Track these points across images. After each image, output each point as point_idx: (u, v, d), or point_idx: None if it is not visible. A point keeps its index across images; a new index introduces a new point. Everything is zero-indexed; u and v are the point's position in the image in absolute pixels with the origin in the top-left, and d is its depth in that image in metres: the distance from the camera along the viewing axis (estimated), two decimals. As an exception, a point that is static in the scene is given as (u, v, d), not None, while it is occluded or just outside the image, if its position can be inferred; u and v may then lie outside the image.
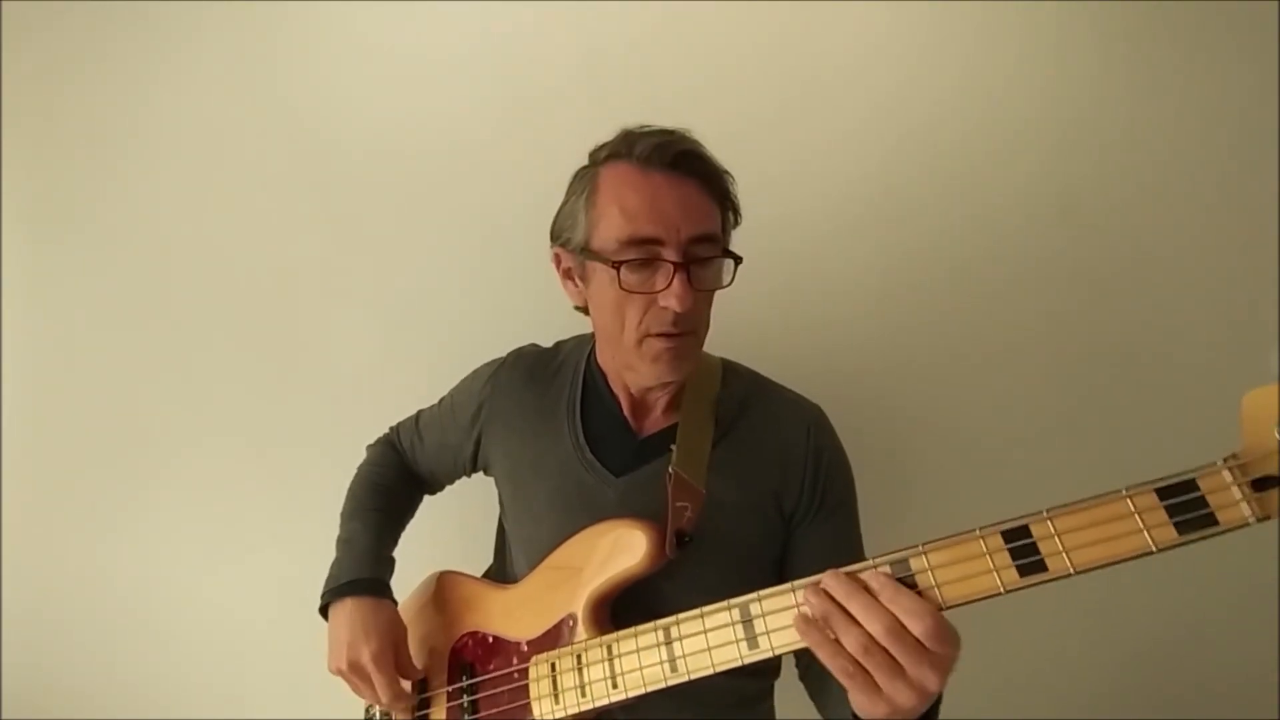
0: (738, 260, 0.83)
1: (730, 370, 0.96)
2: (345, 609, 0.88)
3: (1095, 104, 1.21)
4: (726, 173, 0.84)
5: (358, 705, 1.02)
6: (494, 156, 1.29)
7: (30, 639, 1.41)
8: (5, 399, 1.39)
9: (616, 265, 0.77)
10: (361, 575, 0.91)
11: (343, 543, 0.96)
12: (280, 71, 1.32)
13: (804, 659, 0.91)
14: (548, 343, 1.05)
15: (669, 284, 0.77)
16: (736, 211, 0.86)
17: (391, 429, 1.10)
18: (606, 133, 0.84)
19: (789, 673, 0.98)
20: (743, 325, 1.14)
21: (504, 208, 1.29)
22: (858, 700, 0.60)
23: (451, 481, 1.09)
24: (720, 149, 0.84)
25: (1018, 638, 1.32)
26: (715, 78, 1.25)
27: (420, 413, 1.08)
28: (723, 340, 0.98)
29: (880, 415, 1.24)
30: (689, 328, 0.81)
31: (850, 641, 0.59)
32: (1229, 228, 1.21)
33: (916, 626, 0.57)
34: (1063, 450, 1.25)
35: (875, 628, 0.58)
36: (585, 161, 0.86)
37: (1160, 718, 1.29)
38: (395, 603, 0.92)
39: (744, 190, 0.87)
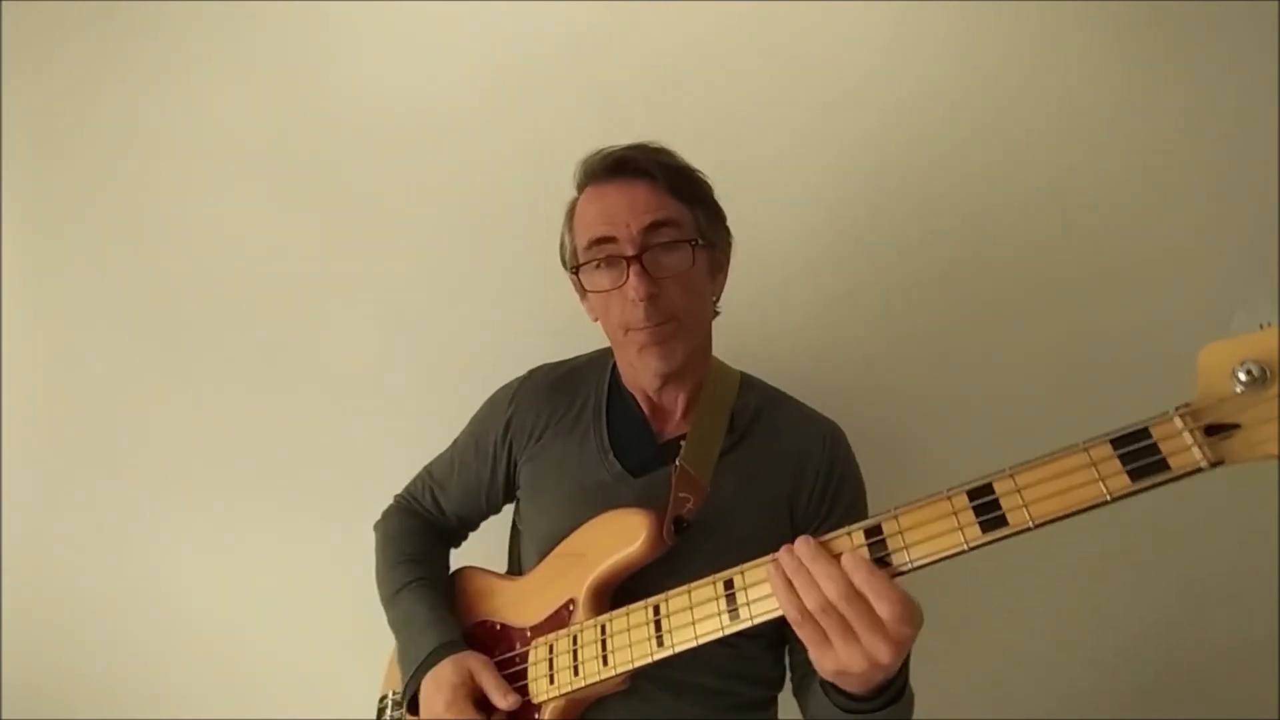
0: (695, 244, 0.85)
1: (748, 383, 0.98)
2: (427, 687, 0.86)
3: (1094, 103, 1.19)
4: (689, 170, 0.88)
5: (360, 705, 1.05)
6: (495, 154, 1.29)
7: (30, 639, 1.41)
8: (5, 399, 1.39)
9: (575, 271, 0.84)
10: (440, 642, 0.89)
11: (401, 624, 0.94)
12: (279, 70, 1.33)
13: (798, 671, 0.89)
14: (545, 342, 1.08)
15: (626, 278, 0.82)
16: (704, 204, 0.89)
17: (399, 496, 1.09)
18: (606, 128, 0.89)
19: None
20: (744, 327, 1.14)
21: (505, 204, 1.29)
22: (813, 653, 0.62)
23: (477, 525, 1.09)
24: (718, 149, 0.87)
25: (1018, 638, 1.27)
26: (715, 79, 1.25)
27: (429, 466, 1.07)
28: (730, 342, 1.01)
29: (883, 419, 1.21)
30: (665, 317, 0.84)
31: (810, 599, 0.61)
32: (1229, 227, 1.18)
33: (884, 609, 0.58)
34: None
35: (832, 591, 0.60)
36: (584, 157, 0.91)
37: (1160, 718, 1.22)
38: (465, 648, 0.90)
39: (739, 189, 0.89)
